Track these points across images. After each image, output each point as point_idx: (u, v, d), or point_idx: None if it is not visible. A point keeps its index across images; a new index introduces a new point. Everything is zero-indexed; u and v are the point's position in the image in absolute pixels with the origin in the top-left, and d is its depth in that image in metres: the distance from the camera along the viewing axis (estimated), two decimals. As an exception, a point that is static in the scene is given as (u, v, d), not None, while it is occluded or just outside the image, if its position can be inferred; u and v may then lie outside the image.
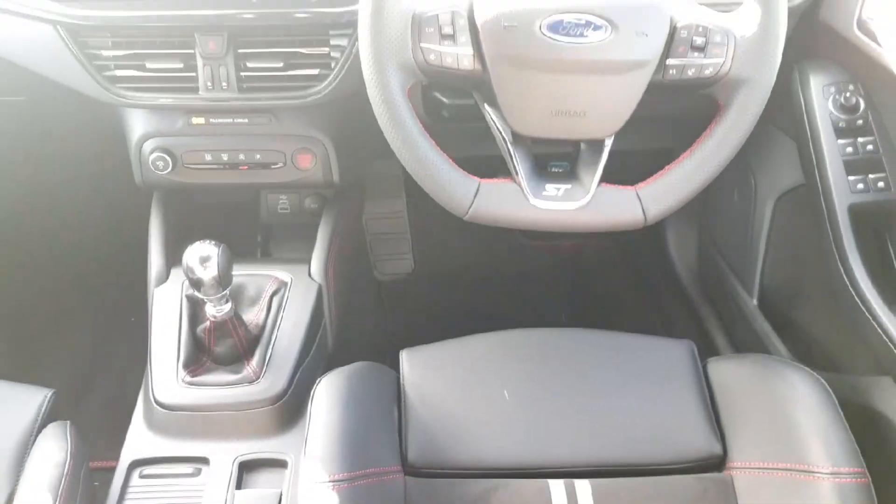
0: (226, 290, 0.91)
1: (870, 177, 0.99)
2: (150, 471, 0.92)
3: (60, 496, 0.78)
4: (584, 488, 0.80)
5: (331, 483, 0.77)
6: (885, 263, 1.00)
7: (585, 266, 1.79)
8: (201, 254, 0.88)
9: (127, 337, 1.27)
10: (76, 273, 1.60)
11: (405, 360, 0.92)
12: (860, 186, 0.99)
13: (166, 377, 0.97)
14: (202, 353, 0.99)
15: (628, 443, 0.85)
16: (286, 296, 1.07)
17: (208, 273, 0.88)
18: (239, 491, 0.90)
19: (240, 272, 1.04)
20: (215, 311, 0.93)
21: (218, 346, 0.97)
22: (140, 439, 0.96)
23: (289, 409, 0.96)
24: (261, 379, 0.97)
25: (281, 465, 0.93)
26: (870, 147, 0.99)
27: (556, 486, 0.80)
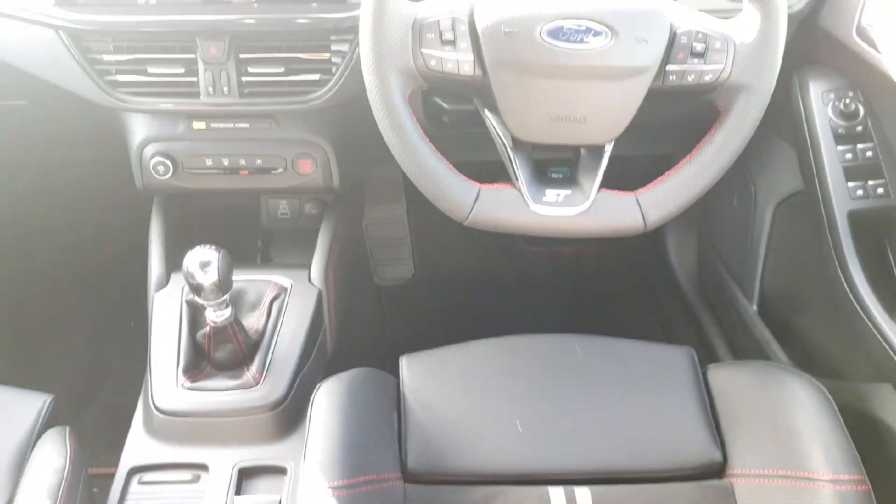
0: (226, 296, 0.91)
1: (869, 183, 0.99)
2: (150, 477, 0.92)
3: (59, 502, 0.77)
4: (584, 495, 0.80)
5: (330, 490, 0.76)
6: (885, 270, 1.00)
7: (585, 271, 1.79)
8: (201, 259, 0.88)
9: (127, 342, 1.27)
10: (76, 277, 1.60)
11: (405, 366, 0.92)
12: (860, 193, 0.99)
13: (166, 383, 0.97)
14: (202, 359, 0.99)
15: (628, 449, 0.85)
16: (286, 301, 1.07)
17: (208, 278, 0.88)
18: (238, 497, 0.90)
19: (240, 277, 1.04)
20: (215, 316, 0.93)
21: (218, 351, 0.97)
22: (139, 445, 0.96)
23: (288, 416, 0.96)
24: (260, 385, 0.96)
25: (280, 471, 0.93)
26: (869, 153, 0.99)
27: (556, 493, 0.80)
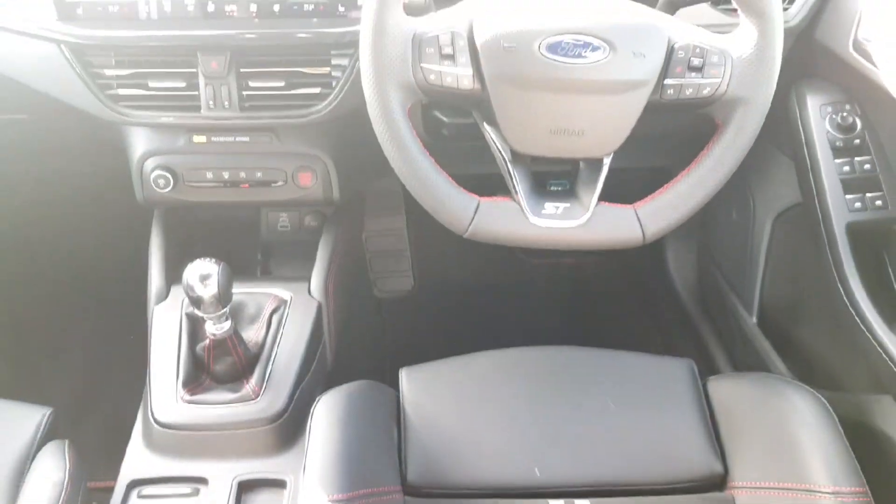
0: (225, 308, 0.91)
1: (867, 195, 0.99)
2: (149, 491, 0.92)
3: None
4: (584, 508, 0.79)
5: (330, 503, 0.76)
6: (884, 281, 1.00)
7: (585, 283, 1.79)
8: (201, 272, 0.88)
9: (126, 355, 1.27)
10: (76, 290, 1.60)
11: (404, 378, 0.92)
12: (858, 205, 0.99)
13: (166, 396, 0.96)
14: (202, 372, 0.99)
15: (628, 462, 0.84)
16: (286, 314, 1.07)
17: (208, 291, 0.88)
18: (238, 510, 0.89)
19: (240, 290, 1.04)
20: (215, 328, 0.92)
21: (217, 364, 0.96)
22: (139, 458, 0.95)
23: (288, 429, 0.96)
24: (260, 397, 0.96)
25: (280, 485, 0.92)
26: (867, 166, 1.00)
27: (557, 506, 0.80)
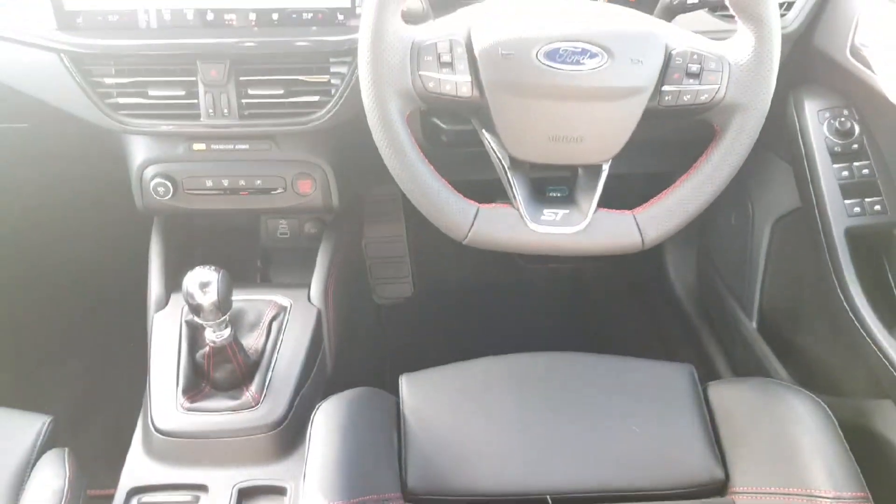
0: (225, 316, 0.91)
1: (866, 200, 1.00)
2: (149, 498, 0.92)
3: None
4: (584, 514, 0.79)
5: (330, 510, 0.76)
6: (883, 286, 1.00)
7: (584, 289, 1.79)
8: (201, 279, 0.88)
9: (126, 363, 1.27)
10: (75, 298, 1.60)
11: (404, 385, 0.92)
12: (856, 210, 0.99)
13: (165, 403, 0.96)
14: (201, 379, 0.99)
15: (629, 467, 0.84)
16: (285, 321, 1.07)
17: (208, 298, 0.88)
18: (238, 518, 0.89)
19: (239, 297, 1.04)
20: (214, 336, 0.93)
21: (217, 371, 0.96)
22: (139, 466, 0.95)
23: (288, 435, 0.96)
24: (260, 405, 0.96)
25: (280, 492, 0.92)
26: (865, 171, 1.00)
27: (557, 512, 0.79)
